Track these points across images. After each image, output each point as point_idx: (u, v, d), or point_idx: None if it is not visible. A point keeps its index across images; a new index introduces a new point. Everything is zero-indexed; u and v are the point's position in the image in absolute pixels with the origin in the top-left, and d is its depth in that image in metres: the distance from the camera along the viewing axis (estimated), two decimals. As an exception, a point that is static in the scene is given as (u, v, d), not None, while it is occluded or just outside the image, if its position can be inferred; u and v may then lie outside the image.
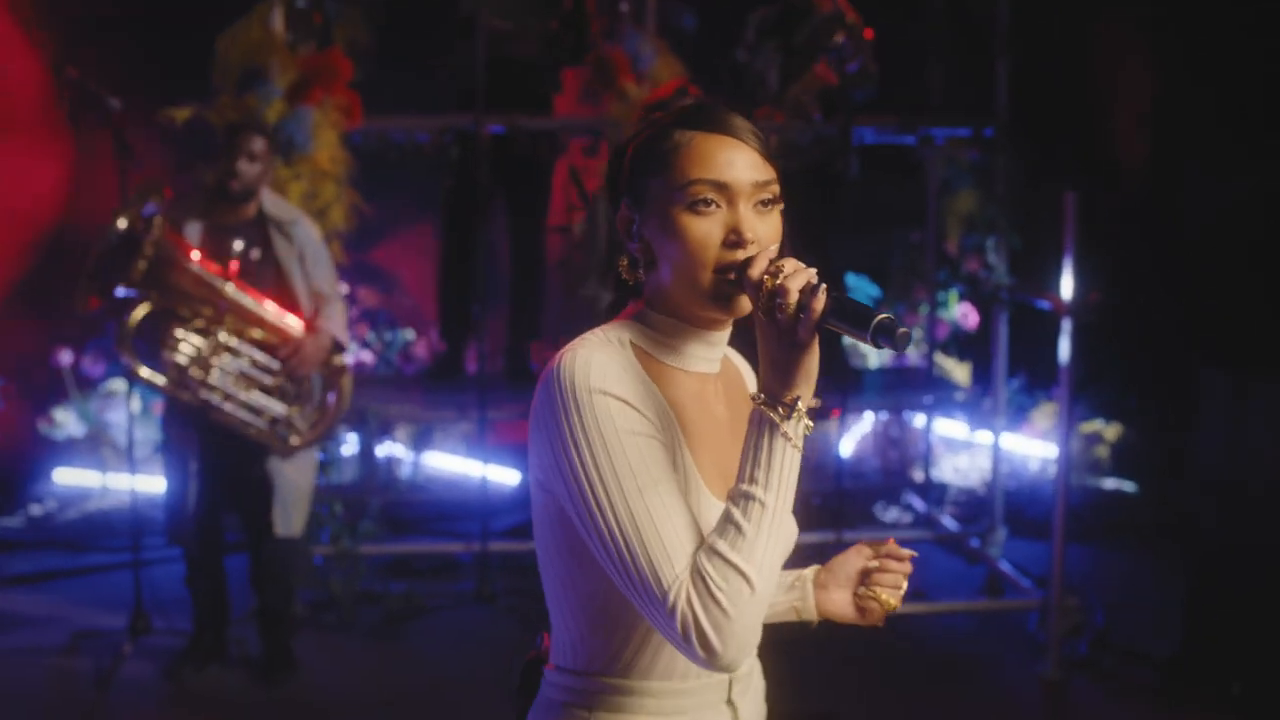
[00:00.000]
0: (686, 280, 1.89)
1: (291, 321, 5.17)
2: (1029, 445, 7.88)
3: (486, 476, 6.56)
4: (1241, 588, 5.16)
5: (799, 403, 1.80)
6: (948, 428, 7.96)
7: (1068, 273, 5.40)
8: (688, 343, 1.97)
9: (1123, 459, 7.64)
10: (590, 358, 1.85)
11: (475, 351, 6.85)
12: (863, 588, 2.11)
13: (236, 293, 5.06)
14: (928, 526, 7.22)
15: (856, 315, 1.76)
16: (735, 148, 1.89)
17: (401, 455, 7.80)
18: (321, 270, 5.31)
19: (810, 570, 2.21)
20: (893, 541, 2.11)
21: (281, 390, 5.19)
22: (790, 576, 2.20)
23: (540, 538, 1.95)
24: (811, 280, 1.79)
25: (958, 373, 8.00)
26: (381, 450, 7.59)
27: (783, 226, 1.92)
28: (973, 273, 6.70)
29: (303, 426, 5.24)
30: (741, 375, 2.16)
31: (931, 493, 7.54)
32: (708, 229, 1.87)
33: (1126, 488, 7.52)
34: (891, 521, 7.46)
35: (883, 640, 5.85)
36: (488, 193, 6.44)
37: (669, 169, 1.89)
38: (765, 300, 1.80)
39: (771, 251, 1.87)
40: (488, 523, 6.34)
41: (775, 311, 1.79)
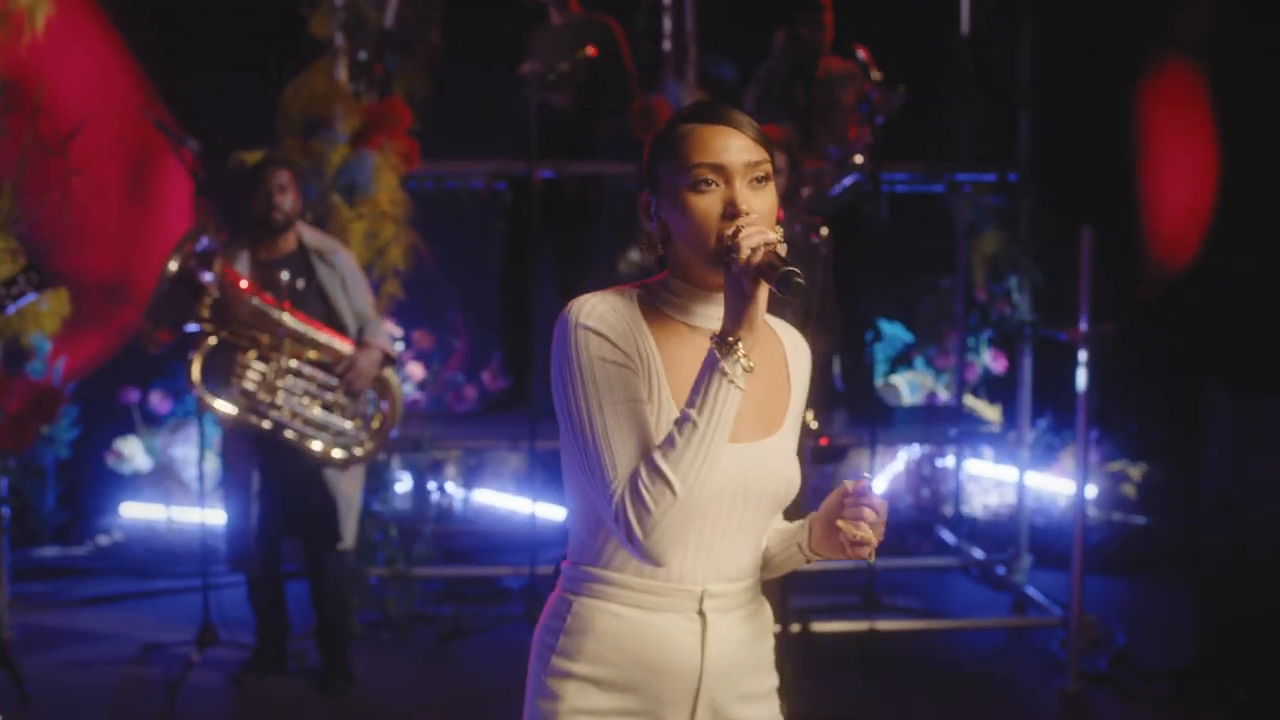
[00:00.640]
0: (693, 248, 2.26)
1: (341, 341, 5.56)
2: (1057, 483, 8.13)
3: (535, 513, 6.88)
4: (1247, 600, 5.43)
5: (739, 345, 2.16)
6: (978, 467, 8.23)
7: (1084, 304, 5.71)
8: (693, 303, 2.33)
9: (1150, 496, 7.88)
10: (587, 302, 2.27)
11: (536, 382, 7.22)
12: (840, 521, 2.37)
13: (292, 320, 5.46)
14: (957, 556, 7.51)
15: (779, 272, 2.10)
16: (730, 135, 2.26)
17: (452, 492, 8.13)
18: (361, 293, 5.72)
19: (810, 516, 2.50)
20: (863, 482, 2.37)
21: (341, 406, 5.57)
22: (797, 525, 2.50)
23: (561, 453, 2.33)
24: (765, 241, 2.15)
25: (988, 414, 8.28)
26: (433, 488, 7.92)
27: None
28: (1000, 314, 7.03)
29: (364, 438, 5.60)
30: (779, 341, 2.48)
31: (961, 526, 7.82)
32: (708, 204, 2.23)
33: (1152, 523, 7.76)
34: (923, 553, 7.76)
35: (912, 654, 6.18)
36: (540, 234, 6.82)
37: (676, 156, 2.27)
38: (724, 255, 2.18)
39: (765, 220, 2.24)
40: (536, 553, 6.68)
41: (731, 265, 2.16)
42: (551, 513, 7.68)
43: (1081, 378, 5.75)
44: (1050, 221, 6.70)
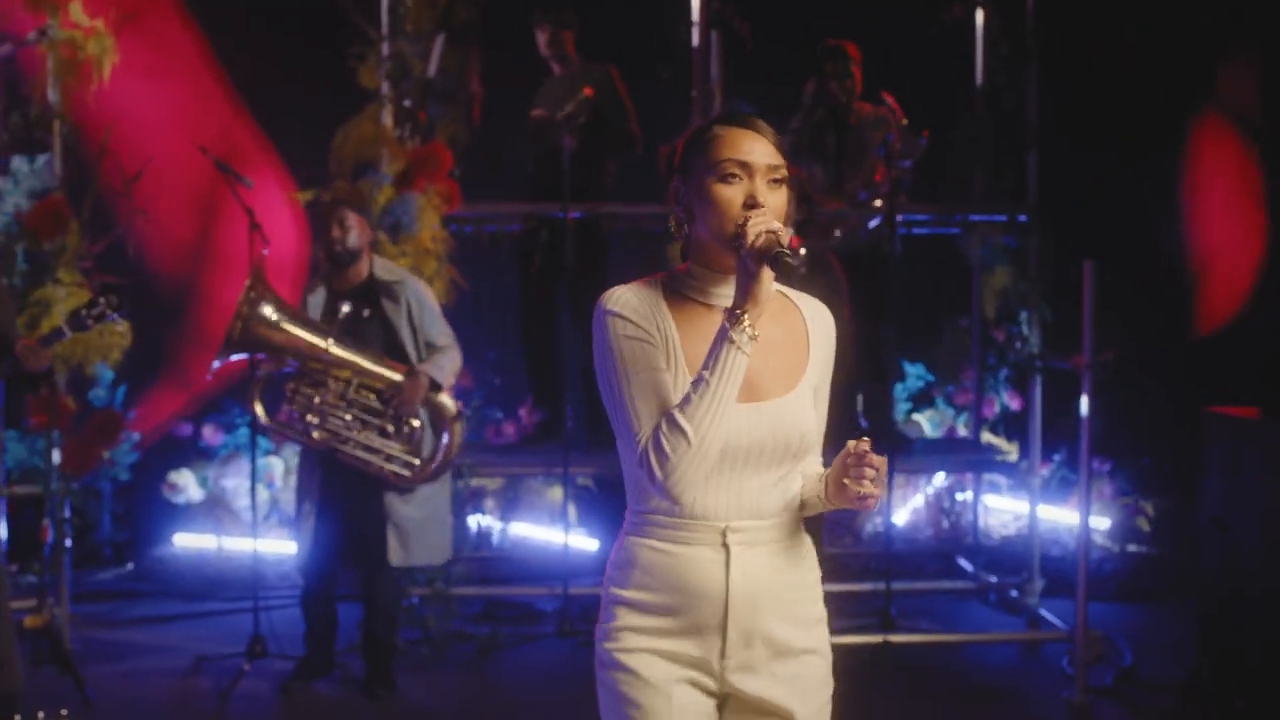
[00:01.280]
0: (715, 231, 2.65)
1: (392, 370, 5.95)
2: (1071, 516, 8.39)
3: (568, 543, 7.31)
4: (1243, 618, 5.70)
5: (745, 317, 2.55)
6: (995, 501, 8.51)
7: (1087, 334, 6.02)
8: (709, 284, 2.72)
9: (1162, 528, 8.13)
10: (615, 291, 2.70)
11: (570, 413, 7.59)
12: (846, 479, 2.70)
13: (338, 349, 5.89)
14: (974, 580, 7.83)
15: (776, 254, 2.51)
16: (755, 139, 2.67)
17: (491, 524, 8.46)
18: (431, 323, 6.09)
19: (824, 473, 2.81)
20: (863, 443, 2.68)
21: (393, 431, 5.94)
22: (817, 477, 2.81)
23: (610, 420, 2.73)
24: (768, 229, 2.54)
25: (1006, 449, 8.56)
26: (472, 520, 8.26)
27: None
28: (1013, 349, 7.38)
29: (415, 462, 5.97)
30: (799, 312, 2.81)
31: (979, 556, 8.10)
32: (732, 194, 2.63)
33: (1163, 553, 8.01)
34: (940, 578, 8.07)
35: (927, 668, 6.46)
36: (570, 272, 7.21)
37: (707, 152, 2.67)
38: (736, 239, 2.58)
39: (776, 214, 2.63)
40: (569, 579, 7.04)
41: (740, 248, 2.56)
42: (585, 542, 8.02)
43: (1084, 404, 6.06)
44: (1058, 257, 7.04)
